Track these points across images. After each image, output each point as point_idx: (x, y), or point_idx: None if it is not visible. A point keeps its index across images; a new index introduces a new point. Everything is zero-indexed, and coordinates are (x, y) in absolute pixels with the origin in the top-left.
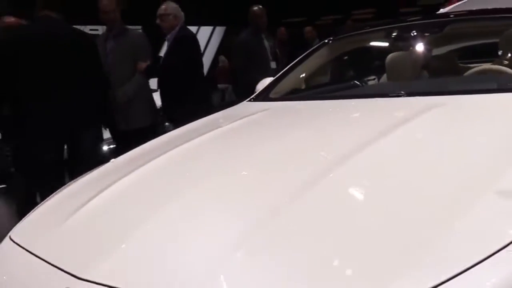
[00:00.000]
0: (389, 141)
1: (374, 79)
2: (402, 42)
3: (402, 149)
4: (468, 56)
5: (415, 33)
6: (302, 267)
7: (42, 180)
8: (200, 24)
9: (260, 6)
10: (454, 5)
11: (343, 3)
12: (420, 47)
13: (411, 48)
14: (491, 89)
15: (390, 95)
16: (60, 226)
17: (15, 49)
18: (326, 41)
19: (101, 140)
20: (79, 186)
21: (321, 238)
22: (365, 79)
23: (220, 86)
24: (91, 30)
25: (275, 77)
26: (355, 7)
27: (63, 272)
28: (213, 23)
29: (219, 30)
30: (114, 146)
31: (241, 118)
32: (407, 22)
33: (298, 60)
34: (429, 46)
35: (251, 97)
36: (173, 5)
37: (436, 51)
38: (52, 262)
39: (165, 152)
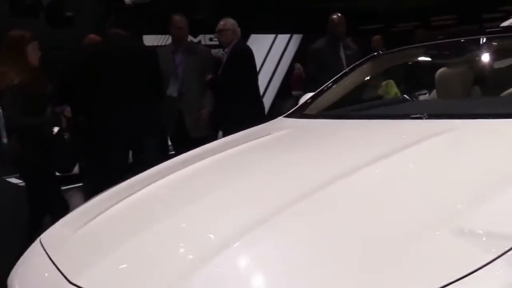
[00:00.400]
0: (377, 167)
1: (425, 93)
2: (450, 59)
3: (386, 177)
4: None
5: (463, 49)
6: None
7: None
8: (277, 32)
9: (339, 15)
10: None
11: (422, 9)
12: (468, 63)
13: (458, 64)
14: None
15: (411, 116)
16: (75, 233)
17: (91, 64)
18: (371, 56)
19: (164, 147)
20: (106, 196)
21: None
22: (417, 93)
23: (294, 93)
24: (210, 39)
25: (315, 92)
26: (435, 14)
27: (60, 274)
28: (291, 31)
29: (296, 38)
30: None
31: (264, 136)
32: (457, 38)
33: (340, 75)
34: (480, 62)
35: (288, 112)
36: (231, 21)
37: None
38: (57, 265)
39: (177, 171)
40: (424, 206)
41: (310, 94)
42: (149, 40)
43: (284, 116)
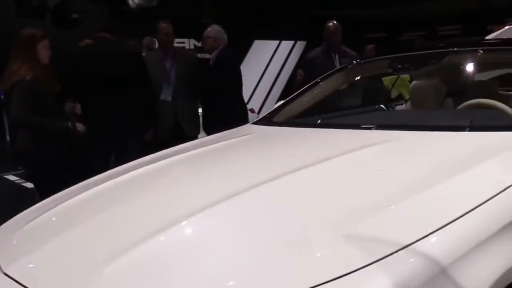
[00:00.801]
0: (303, 173)
1: (402, 104)
2: (414, 71)
3: (307, 181)
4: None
5: (427, 62)
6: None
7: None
8: (281, 38)
9: (335, 22)
10: (500, 31)
11: (428, 19)
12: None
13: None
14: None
15: (362, 127)
16: (24, 227)
17: (81, 64)
18: (341, 67)
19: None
20: (63, 193)
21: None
22: (394, 104)
23: None
24: (178, 43)
25: (284, 101)
26: (441, 24)
27: None
28: (294, 37)
29: (300, 45)
30: None
31: (226, 140)
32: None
33: (310, 85)
34: (451, 74)
35: (256, 119)
36: (214, 29)
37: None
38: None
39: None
40: (327, 209)
41: (281, 102)
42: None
43: (253, 123)
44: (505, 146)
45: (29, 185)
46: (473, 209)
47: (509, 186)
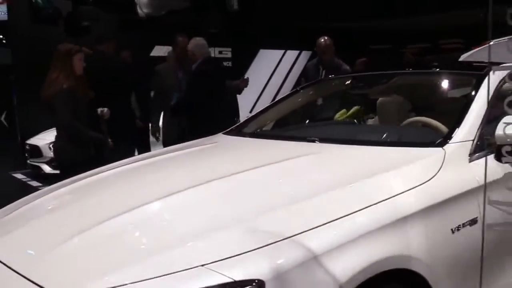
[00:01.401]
0: (239, 176)
1: (373, 118)
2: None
3: (238, 182)
4: None
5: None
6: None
7: None
8: (287, 48)
9: (326, 38)
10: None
11: (432, 32)
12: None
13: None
14: (384, 142)
15: (307, 139)
16: (4, 217)
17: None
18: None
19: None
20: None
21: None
22: (366, 117)
23: None
24: (220, 52)
25: (253, 114)
26: (444, 37)
27: None
28: (300, 47)
29: (305, 55)
30: None
31: (193, 147)
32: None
33: (276, 101)
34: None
35: (228, 130)
36: (194, 42)
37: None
38: None
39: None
40: (240, 205)
41: (250, 115)
42: (160, 50)
43: (223, 133)
44: (409, 160)
45: (35, 183)
46: (353, 213)
47: (394, 196)
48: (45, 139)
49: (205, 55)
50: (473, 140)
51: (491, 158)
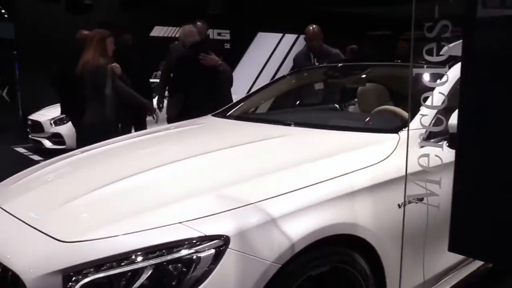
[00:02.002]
0: (217, 153)
1: (354, 104)
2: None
3: (217, 158)
4: None
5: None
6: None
7: None
8: (285, 31)
9: (314, 26)
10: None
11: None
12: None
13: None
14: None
15: (285, 123)
16: (14, 183)
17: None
18: (291, 72)
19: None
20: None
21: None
22: (347, 103)
23: None
24: (219, 34)
25: (239, 99)
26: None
27: None
28: (297, 31)
29: (303, 39)
30: None
31: (182, 127)
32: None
33: (262, 87)
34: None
35: (215, 112)
36: (182, 31)
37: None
38: None
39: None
40: (212, 179)
41: (239, 98)
42: (159, 31)
43: (212, 115)
44: (366, 144)
45: (36, 157)
46: (310, 185)
47: (348, 173)
48: (47, 115)
49: (193, 42)
50: (427, 129)
51: (442, 144)
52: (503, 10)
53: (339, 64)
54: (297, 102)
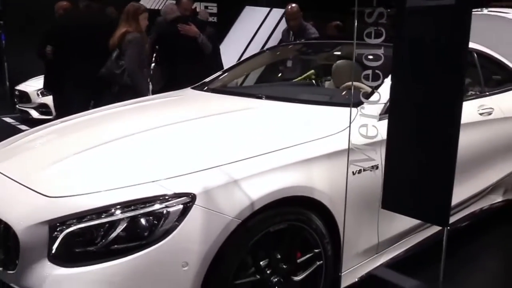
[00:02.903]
0: (190, 122)
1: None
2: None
3: (188, 128)
4: None
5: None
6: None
7: None
8: (272, 6)
9: (293, 6)
10: None
11: None
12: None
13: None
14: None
15: (256, 96)
16: (6, 147)
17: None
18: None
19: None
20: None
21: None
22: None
23: None
24: (206, 7)
25: (218, 73)
26: None
27: None
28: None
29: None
30: None
31: (162, 98)
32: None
33: (239, 62)
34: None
35: (195, 85)
36: (164, 9)
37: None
38: None
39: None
40: (182, 145)
41: (219, 72)
42: (146, 2)
43: (192, 87)
44: (328, 116)
45: (24, 127)
46: (271, 152)
47: (308, 141)
48: (34, 85)
49: (173, 18)
50: (385, 103)
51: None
52: (428, 1)
53: (314, 42)
54: (275, 77)
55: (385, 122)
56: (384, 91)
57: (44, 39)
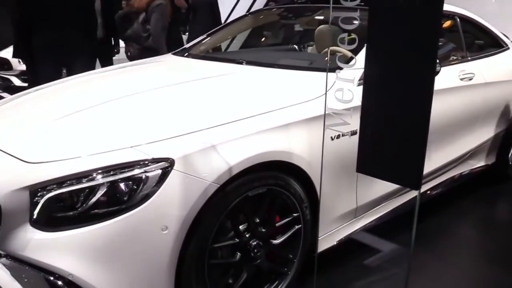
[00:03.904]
0: (170, 87)
1: (312, 45)
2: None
3: (162, 93)
4: None
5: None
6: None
7: None
8: None
9: None
10: None
11: None
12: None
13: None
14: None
15: (237, 61)
16: None
17: None
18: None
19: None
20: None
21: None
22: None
23: None
24: None
25: (199, 38)
26: None
27: None
28: None
29: None
30: None
31: (143, 64)
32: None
33: (218, 28)
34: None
35: (176, 50)
36: None
37: None
38: None
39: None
40: (160, 111)
41: (200, 38)
42: None
43: (172, 53)
44: (306, 81)
45: (5, 94)
46: (249, 117)
47: (285, 107)
48: None
49: None
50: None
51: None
52: None
53: (296, 6)
54: (257, 42)
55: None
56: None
57: (15, 5)
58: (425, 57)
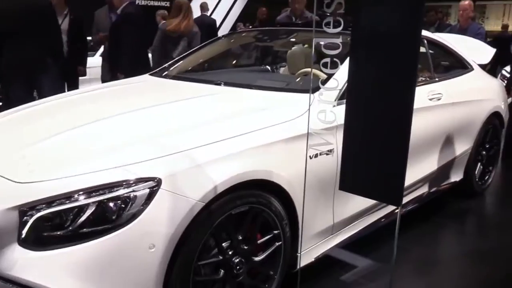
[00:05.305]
0: (154, 108)
1: (284, 66)
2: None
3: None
4: None
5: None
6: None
7: None
8: None
9: None
10: None
11: None
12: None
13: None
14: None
15: (215, 83)
16: None
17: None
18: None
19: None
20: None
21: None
22: (279, 65)
23: None
24: None
25: (176, 59)
26: None
27: None
28: None
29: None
30: None
31: (120, 85)
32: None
33: (197, 48)
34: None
35: (153, 71)
36: None
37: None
38: None
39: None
40: (146, 131)
41: (176, 59)
42: None
43: (149, 74)
44: (286, 102)
45: None
46: (232, 137)
47: (266, 127)
48: None
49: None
50: (340, 89)
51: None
52: None
53: (269, 28)
54: (232, 63)
55: (340, 108)
56: (340, 77)
57: None
58: (405, 77)
